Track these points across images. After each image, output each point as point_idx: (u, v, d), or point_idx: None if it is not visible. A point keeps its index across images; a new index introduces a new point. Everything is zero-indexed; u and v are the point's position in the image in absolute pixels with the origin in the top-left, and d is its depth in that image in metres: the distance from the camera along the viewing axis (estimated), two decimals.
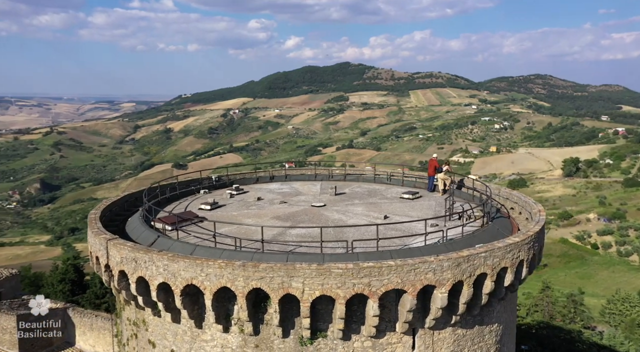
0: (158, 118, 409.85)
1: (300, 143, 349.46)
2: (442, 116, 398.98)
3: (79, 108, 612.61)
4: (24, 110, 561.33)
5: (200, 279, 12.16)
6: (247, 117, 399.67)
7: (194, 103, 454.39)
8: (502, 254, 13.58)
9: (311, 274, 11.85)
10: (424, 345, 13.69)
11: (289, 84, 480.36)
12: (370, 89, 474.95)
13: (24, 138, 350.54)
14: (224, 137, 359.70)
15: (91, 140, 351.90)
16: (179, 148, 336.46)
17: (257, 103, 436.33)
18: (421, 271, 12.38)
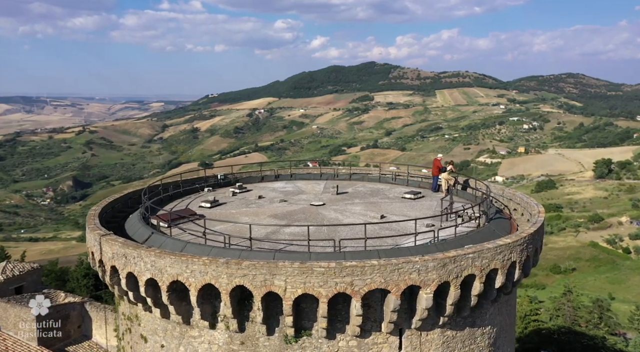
0: (185, 118, 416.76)
1: (325, 143, 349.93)
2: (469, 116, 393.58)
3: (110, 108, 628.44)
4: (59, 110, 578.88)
5: (185, 276, 12.38)
6: (272, 116, 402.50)
7: (220, 103, 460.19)
8: (491, 255, 13.38)
9: (293, 273, 11.93)
10: (411, 346, 13.61)
11: (314, 84, 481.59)
12: (395, 89, 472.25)
13: (58, 137, 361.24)
14: (250, 136, 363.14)
15: (121, 139, 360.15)
16: (205, 147, 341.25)
17: (282, 103, 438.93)
18: (405, 271, 12.31)
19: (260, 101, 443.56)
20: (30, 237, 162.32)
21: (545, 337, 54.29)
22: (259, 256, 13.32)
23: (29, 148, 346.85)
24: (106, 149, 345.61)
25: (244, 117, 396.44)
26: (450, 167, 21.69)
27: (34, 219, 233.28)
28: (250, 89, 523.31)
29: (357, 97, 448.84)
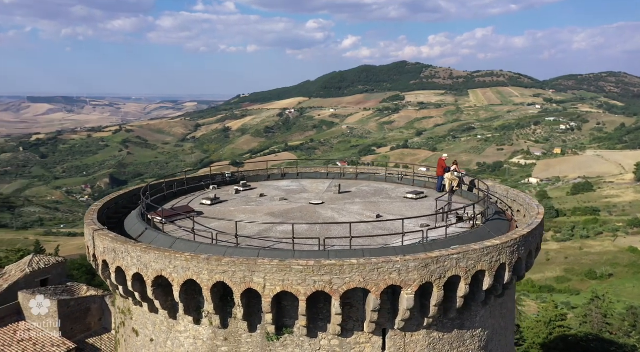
0: (217, 117, 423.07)
1: (355, 143, 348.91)
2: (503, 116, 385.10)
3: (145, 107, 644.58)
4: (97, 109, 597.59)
5: (168, 271, 12.65)
6: (303, 116, 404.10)
7: (251, 103, 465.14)
8: (477, 256, 13.15)
9: (272, 270, 12.02)
10: (394, 346, 13.51)
11: (345, 84, 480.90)
12: (427, 88, 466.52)
13: (96, 135, 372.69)
14: (280, 136, 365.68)
15: (155, 138, 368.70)
16: (236, 146, 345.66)
17: (313, 103, 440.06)
18: (385, 271, 12.24)
19: (290, 101, 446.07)
20: (69, 232, 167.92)
21: (571, 344, 52.73)
22: (244, 253, 13.48)
23: (69, 146, 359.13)
24: (141, 148, 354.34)
25: (274, 117, 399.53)
26: (455, 167, 21.37)
27: (73, 214, 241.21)
28: (280, 89, 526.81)
29: (388, 97, 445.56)
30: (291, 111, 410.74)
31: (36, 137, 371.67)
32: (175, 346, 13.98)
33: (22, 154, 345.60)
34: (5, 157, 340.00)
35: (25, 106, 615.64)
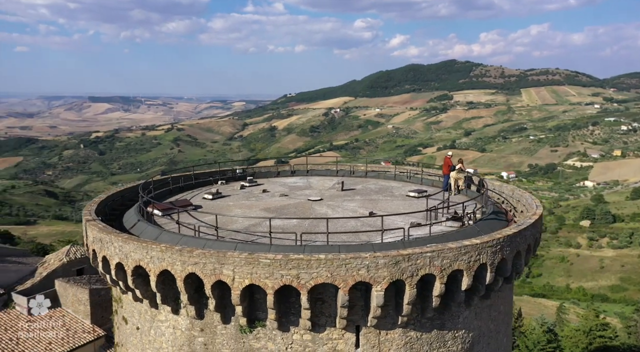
0: (264, 116, 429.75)
1: (400, 142, 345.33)
2: (558, 116, 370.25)
3: (196, 107, 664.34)
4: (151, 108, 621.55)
5: (146, 261, 13.10)
6: (348, 116, 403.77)
7: (297, 102, 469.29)
8: (453, 255, 12.84)
9: (240, 263, 12.22)
10: (368, 344, 13.41)
11: (391, 83, 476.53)
12: (477, 87, 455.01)
13: (149, 134, 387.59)
14: (325, 135, 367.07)
15: (205, 137, 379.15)
16: (282, 145, 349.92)
17: (358, 102, 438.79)
18: (353, 267, 12.18)
19: (336, 100, 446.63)
20: None
21: None
22: (222, 245, 13.74)
23: (125, 144, 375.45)
24: (191, 146, 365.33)
25: (320, 116, 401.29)
26: (460, 165, 20.88)
27: None
28: (327, 88, 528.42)
29: (436, 97, 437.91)
30: (336, 111, 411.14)
31: (95, 135, 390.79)
32: (157, 335, 14.46)
33: (83, 151, 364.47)
34: (67, 154, 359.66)
35: (86, 105, 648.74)
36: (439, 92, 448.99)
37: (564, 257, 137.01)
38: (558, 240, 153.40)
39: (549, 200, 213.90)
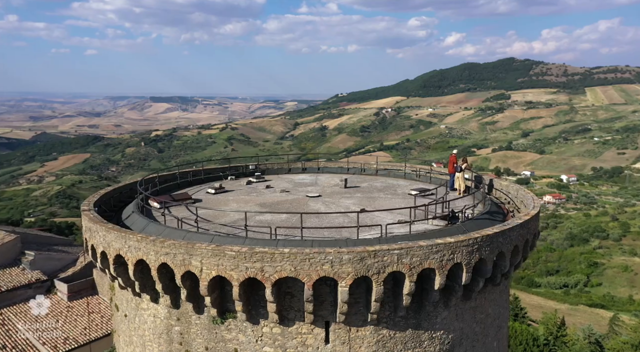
0: (315, 116, 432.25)
1: (453, 143, 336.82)
2: (627, 116, 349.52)
3: (250, 107, 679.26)
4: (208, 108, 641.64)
5: (124, 250, 13.64)
6: (399, 115, 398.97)
7: (349, 102, 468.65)
8: (424, 253, 12.55)
9: (207, 254, 12.49)
10: (338, 340, 13.34)
11: (445, 82, 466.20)
12: (536, 86, 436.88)
13: (205, 132, 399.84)
14: (375, 135, 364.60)
15: (257, 136, 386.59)
16: (332, 145, 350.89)
17: (410, 102, 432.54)
18: (317, 262, 12.16)
19: (388, 100, 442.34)
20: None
21: None
22: (201, 237, 14.04)
23: (182, 142, 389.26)
24: (244, 145, 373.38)
25: (371, 116, 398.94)
26: (465, 165, 20.27)
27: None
28: (378, 88, 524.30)
29: (492, 96, 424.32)
30: (388, 110, 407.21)
31: (155, 134, 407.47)
32: (141, 322, 15.03)
33: (143, 148, 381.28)
34: (129, 151, 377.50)
35: (148, 105, 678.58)
36: (496, 91, 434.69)
37: (627, 267, 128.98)
38: (622, 248, 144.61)
39: (613, 205, 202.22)
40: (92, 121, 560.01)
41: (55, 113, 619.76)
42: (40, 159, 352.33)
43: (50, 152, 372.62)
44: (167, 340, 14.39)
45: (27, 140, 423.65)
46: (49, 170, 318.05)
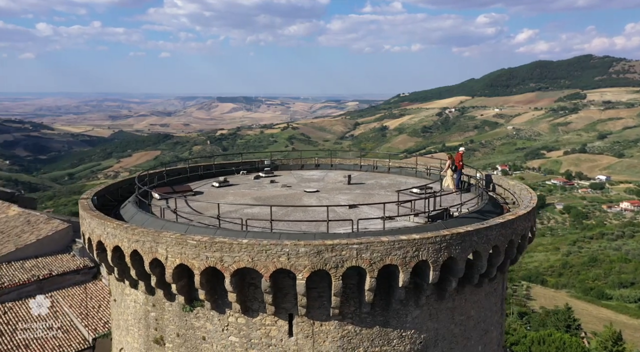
0: (376, 116, 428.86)
1: (521, 145, 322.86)
2: None
3: (311, 106, 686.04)
4: (271, 108, 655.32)
5: (104, 237, 14.29)
6: (463, 116, 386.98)
7: (410, 102, 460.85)
8: (385, 249, 12.22)
9: (172, 242, 12.83)
10: (302, 333, 13.26)
11: (513, 81, 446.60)
12: (617, 85, 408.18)
13: (267, 132, 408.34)
14: (437, 136, 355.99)
15: (317, 135, 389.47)
16: (392, 145, 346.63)
17: (476, 102, 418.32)
18: (273, 253, 12.17)
19: (451, 100, 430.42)
20: None
21: None
22: (178, 227, 14.42)
23: (245, 141, 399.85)
24: (304, 144, 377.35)
25: (433, 117, 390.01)
26: (449, 162, 19.61)
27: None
28: (442, 87, 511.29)
29: (565, 95, 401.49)
30: (451, 110, 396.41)
31: (220, 133, 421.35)
32: (125, 307, 15.68)
33: (209, 147, 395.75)
34: (196, 149, 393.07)
35: (214, 105, 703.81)
36: (570, 90, 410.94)
37: None
38: None
39: None
40: (164, 120, 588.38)
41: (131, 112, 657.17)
42: (117, 156, 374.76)
43: (126, 149, 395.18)
44: (145, 325, 14.94)
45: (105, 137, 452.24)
46: (124, 166, 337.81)
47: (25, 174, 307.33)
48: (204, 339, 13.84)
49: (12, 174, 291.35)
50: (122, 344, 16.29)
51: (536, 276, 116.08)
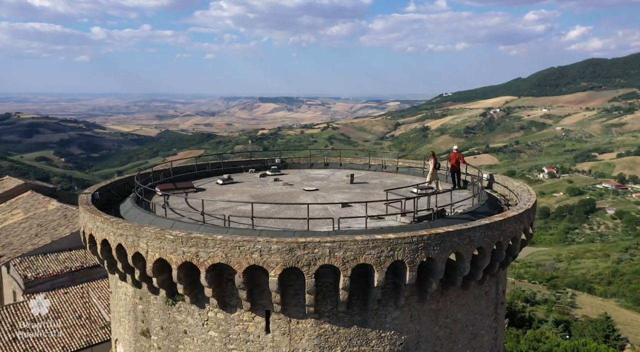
0: (417, 116, 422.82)
1: (570, 146, 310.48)
2: None
3: (352, 107, 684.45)
4: (311, 108, 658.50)
5: (94, 230, 14.72)
6: (509, 116, 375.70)
7: (453, 102, 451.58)
8: (358, 248, 12.03)
9: (151, 237, 13.08)
10: (279, 330, 13.24)
11: (563, 80, 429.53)
12: None
13: (307, 132, 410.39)
14: (481, 137, 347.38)
15: (357, 136, 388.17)
16: (433, 146, 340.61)
17: (522, 102, 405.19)
18: (246, 250, 12.21)
19: (496, 100, 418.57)
20: None
21: None
22: (164, 223, 14.70)
23: (285, 141, 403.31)
24: (344, 144, 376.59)
25: (476, 117, 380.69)
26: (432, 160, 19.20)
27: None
28: (487, 87, 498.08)
29: (620, 95, 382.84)
30: (496, 111, 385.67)
31: (261, 132, 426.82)
32: (118, 299, 16.13)
33: (250, 146, 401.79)
34: (237, 148, 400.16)
35: (256, 105, 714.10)
36: (625, 89, 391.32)
37: None
38: None
39: None
40: (207, 120, 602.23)
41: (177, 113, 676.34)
42: (163, 154, 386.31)
43: (171, 148, 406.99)
44: (133, 317, 15.31)
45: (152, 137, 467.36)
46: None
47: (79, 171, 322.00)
48: (186, 332, 14.05)
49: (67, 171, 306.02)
50: (117, 335, 16.77)
51: (583, 284, 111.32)
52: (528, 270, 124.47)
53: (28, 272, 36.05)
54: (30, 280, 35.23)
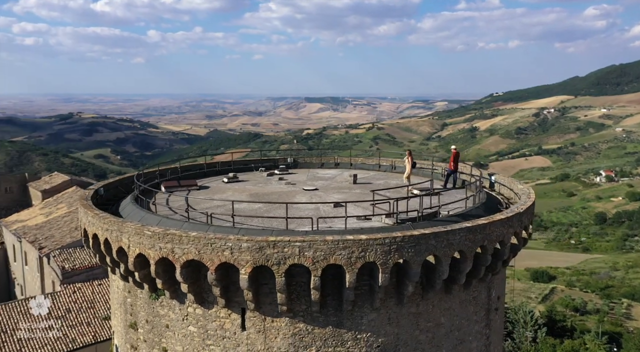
0: (465, 117, 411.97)
1: (631, 149, 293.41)
2: None
3: (398, 107, 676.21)
4: (357, 108, 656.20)
5: (87, 225, 15.26)
6: (564, 116, 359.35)
7: (504, 102, 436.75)
8: (328, 248, 11.88)
9: (132, 232, 13.40)
10: (254, 328, 13.27)
11: (626, 79, 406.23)
12: None
13: (352, 132, 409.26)
14: (533, 138, 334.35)
15: (403, 136, 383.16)
16: (482, 147, 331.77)
17: (579, 101, 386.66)
18: (218, 247, 12.31)
19: (551, 99, 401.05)
20: None
21: None
22: (152, 219, 15.01)
23: (330, 141, 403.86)
24: (389, 145, 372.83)
25: (529, 117, 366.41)
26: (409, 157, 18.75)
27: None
28: (540, 86, 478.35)
29: None
30: (550, 111, 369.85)
31: (307, 132, 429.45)
32: (113, 292, 16.65)
33: (295, 145, 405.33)
34: (283, 148, 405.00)
35: (302, 105, 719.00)
36: None
37: None
38: None
39: None
40: (255, 120, 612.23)
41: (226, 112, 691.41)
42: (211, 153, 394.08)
43: (219, 147, 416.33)
44: (124, 310, 15.76)
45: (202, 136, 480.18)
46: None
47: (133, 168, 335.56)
48: (168, 327, 14.32)
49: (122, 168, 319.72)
50: (113, 327, 17.32)
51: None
52: (581, 278, 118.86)
53: (66, 264, 37.87)
54: (68, 271, 36.94)
